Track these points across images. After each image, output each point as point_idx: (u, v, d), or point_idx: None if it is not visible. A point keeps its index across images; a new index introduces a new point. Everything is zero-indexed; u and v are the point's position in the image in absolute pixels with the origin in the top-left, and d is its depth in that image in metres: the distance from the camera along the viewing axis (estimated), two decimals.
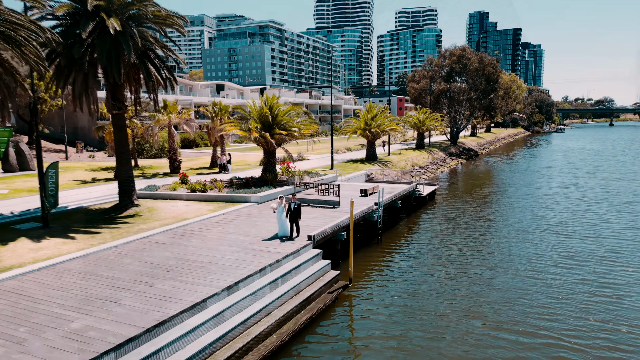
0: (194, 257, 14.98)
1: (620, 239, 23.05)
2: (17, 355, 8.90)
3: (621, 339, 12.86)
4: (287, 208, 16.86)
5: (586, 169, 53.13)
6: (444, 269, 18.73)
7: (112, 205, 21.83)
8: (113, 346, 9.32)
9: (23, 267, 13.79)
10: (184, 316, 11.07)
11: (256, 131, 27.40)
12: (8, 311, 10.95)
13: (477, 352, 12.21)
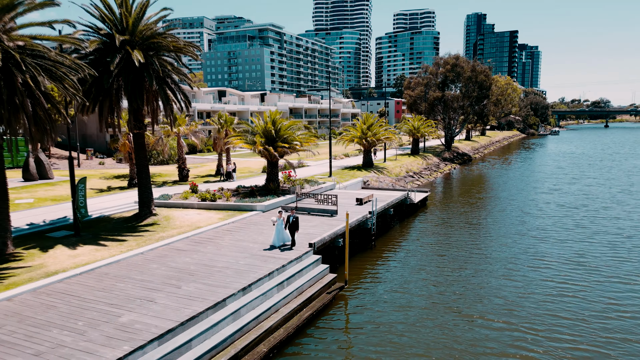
0: (211, 262, 17.43)
1: (591, 243, 25.55)
2: (83, 343, 11.35)
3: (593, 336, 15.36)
4: (286, 221, 19.17)
5: (572, 174, 55.70)
6: (430, 271, 21.21)
7: (133, 215, 24.28)
8: (156, 335, 11.78)
9: (67, 272, 16.22)
10: (209, 312, 13.53)
11: (261, 145, 29.85)
12: (65, 309, 13.40)
13: (454, 342, 14.68)
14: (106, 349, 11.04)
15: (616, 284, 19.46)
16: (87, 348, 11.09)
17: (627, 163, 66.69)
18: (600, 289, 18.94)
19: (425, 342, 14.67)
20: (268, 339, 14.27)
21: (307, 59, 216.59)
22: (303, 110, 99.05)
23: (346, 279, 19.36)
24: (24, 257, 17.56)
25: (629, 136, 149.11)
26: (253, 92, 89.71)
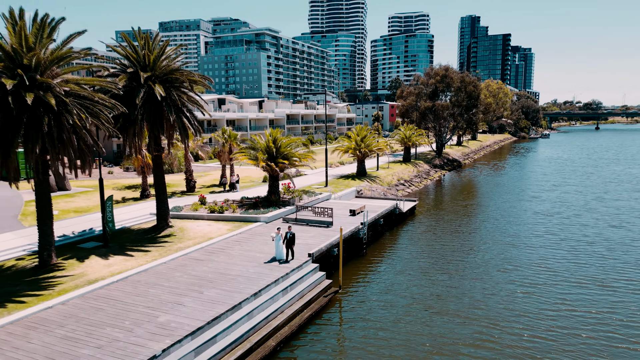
0: (225, 271, 20.55)
1: (555, 249, 28.83)
2: (133, 338, 14.45)
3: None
4: (283, 236, 22.05)
5: (554, 181, 59.17)
6: (414, 274, 24.41)
7: (151, 226, 27.36)
8: (189, 332, 14.90)
9: (105, 280, 19.28)
10: (228, 314, 16.65)
11: (263, 161, 32.97)
12: (111, 311, 16.49)
13: (430, 334, 17.87)
14: (152, 343, 14.15)
15: (571, 287, 22.72)
16: (137, 342, 14.20)
17: (607, 169, 70.27)
18: (555, 291, 22.20)
19: (406, 335, 17.87)
20: (276, 335, 17.42)
21: (303, 62, 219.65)
22: (300, 116, 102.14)
23: (340, 284, 22.54)
24: (66, 267, 20.60)
25: (616, 139, 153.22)
26: (251, 100, 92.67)
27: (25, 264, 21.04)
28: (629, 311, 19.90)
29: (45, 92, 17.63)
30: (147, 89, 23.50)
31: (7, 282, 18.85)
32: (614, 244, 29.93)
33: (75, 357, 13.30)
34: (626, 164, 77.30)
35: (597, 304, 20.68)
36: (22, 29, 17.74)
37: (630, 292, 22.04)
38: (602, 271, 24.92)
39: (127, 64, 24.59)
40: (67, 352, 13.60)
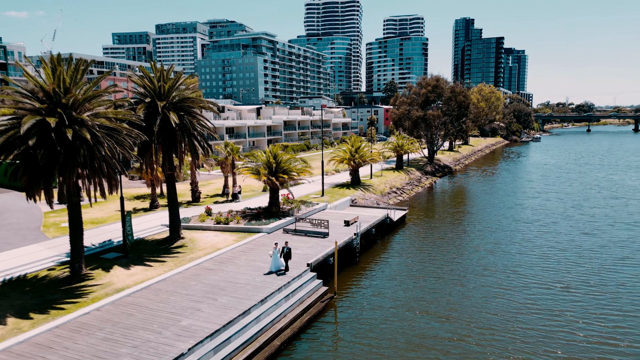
0: (234, 279, 23.43)
1: (529, 255, 31.89)
2: (163, 339, 17.32)
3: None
4: (281, 251, 24.81)
5: (538, 187, 62.40)
6: (401, 280, 27.39)
7: (165, 238, 30.20)
8: (209, 334, 17.79)
9: (131, 288, 22.12)
10: (239, 318, 19.56)
11: (264, 176, 35.88)
12: (140, 316, 19.35)
13: (413, 333, 20.83)
14: (179, 343, 17.04)
15: (538, 290, 25.76)
16: (166, 342, 17.09)
17: (590, 176, 73.63)
18: (524, 293, 25.23)
19: (392, 333, 20.83)
20: (280, 336, 20.34)
21: (299, 65, 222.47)
22: (297, 122, 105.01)
23: (335, 290, 25.49)
24: (94, 277, 23.43)
25: (605, 143, 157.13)
26: (249, 107, 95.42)
27: (57, 274, 23.84)
28: (587, 312, 22.95)
29: (80, 127, 20.47)
30: (163, 116, 26.35)
31: (45, 291, 21.65)
32: (582, 251, 33.05)
33: (116, 356, 16.16)
34: (609, 170, 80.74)
35: (560, 305, 23.72)
36: (61, 73, 20.56)
37: (590, 295, 25.10)
38: (568, 276, 28.00)
39: (145, 93, 27.41)
40: (110, 351, 16.47)
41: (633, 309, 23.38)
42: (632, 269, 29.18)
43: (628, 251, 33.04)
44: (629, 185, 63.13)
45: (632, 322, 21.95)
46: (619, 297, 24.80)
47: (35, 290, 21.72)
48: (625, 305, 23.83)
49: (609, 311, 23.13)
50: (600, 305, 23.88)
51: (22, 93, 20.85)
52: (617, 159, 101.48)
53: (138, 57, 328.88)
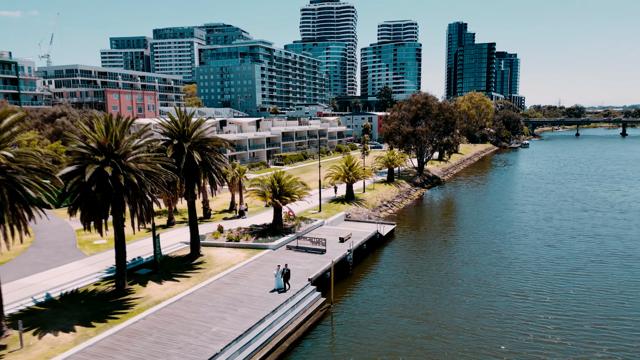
0: (249, 292, 28.64)
1: (497, 265, 37.27)
2: (200, 342, 22.52)
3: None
4: (282, 272, 29.86)
5: (517, 199, 67.95)
6: (388, 289, 32.67)
7: (186, 255, 35.35)
8: (235, 338, 23.02)
9: (166, 301, 27.26)
10: (256, 325, 24.78)
11: (269, 198, 41.12)
12: (179, 324, 24.53)
13: (398, 334, 26.09)
14: (213, 345, 22.25)
15: (499, 297, 31.13)
16: (203, 344, 22.29)
17: (566, 187, 79.37)
18: (488, 299, 30.58)
19: (378, 333, 26.12)
20: (288, 339, 25.60)
21: (295, 72, 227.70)
22: (294, 133, 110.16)
23: (332, 300, 30.78)
24: (134, 291, 28.56)
25: (590, 149, 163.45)
26: (249, 120, 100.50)
27: (103, 289, 28.96)
28: (535, 315, 28.34)
29: (128, 173, 25.63)
30: (187, 155, 31.55)
31: (97, 304, 26.78)
32: (542, 262, 38.53)
33: (167, 355, 21.35)
34: (585, 181, 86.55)
35: (513, 310, 29.11)
36: (114, 130, 25.73)
37: (540, 301, 30.50)
38: (525, 284, 33.42)
39: (172, 135, 32.57)
40: (161, 351, 21.66)
41: (574, 313, 28.81)
42: (581, 279, 34.67)
43: (582, 262, 38.55)
44: (600, 197, 68.86)
45: (573, 323, 27.36)
46: (565, 303, 30.23)
47: (89, 303, 26.84)
48: (569, 310, 29.26)
49: (555, 315, 28.55)
50: (547, 310, 29.30)
51: (83, 146, 25.96)
52: (596, 167, 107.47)
53: (136, 61, 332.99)
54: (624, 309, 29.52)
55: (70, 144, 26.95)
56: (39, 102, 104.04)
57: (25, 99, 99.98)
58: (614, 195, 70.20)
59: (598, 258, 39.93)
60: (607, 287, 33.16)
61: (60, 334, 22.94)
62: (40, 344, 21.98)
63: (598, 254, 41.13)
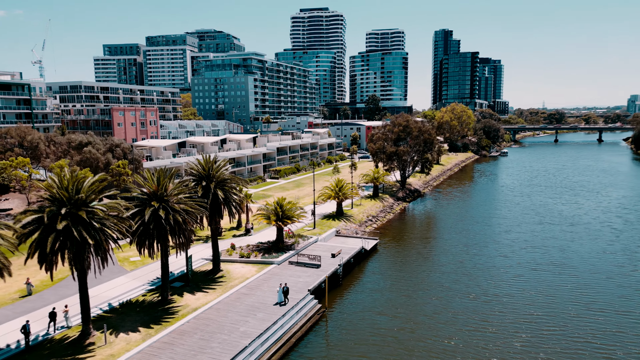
0: (264, 301, 37.46)
1: (456, 273, 46.49)
2: (233, 339, 31.32)
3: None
4: (283, 289, 38.57)
5: (486, 212, 77.51)
6: (370, 293, 41.66)
7: (209, 270, 44.02)
8: (257, 335, 31.90)
9: (201, 308, 35.95)
10: (272, 326, 33.66)
11: (273, 221, 49.99)
12: (213, 326, 33.29)
13: (382, 334, 35.11)
14: (242, 340, 31.08)
15: (457, 299, 40.28)
16: (235, 341, 31.10)
17: (532, 199, 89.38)
18: (447, 300, 39.74)
19: (364, 329, 35.11)
20: (294, 336, 34.51)
21: (287, 81, 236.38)
22: (288, 147, 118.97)
23: (326, 306, 39.77)
24: (175, 301, 37.22)
25: (564, 157, 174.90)
26: (247, 136, 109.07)
27: (151, 299, 37.56)
28: (481, 312, 37.56)
29: (175, 213, 34.34)
30: (213, 193, 40.32)
31: (150, 311, 35.38)
32: (494, 270, 47.88)
33: (211, 348, 30.11)
34: (549, 193, 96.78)
35: (467, 308, 38.30)
36: (162, 179, 34.42)
37: (486, 302, 39.76)
38: (478, 289, 42.68)
39: (200, 176, 41.31)
40: (206, 345, 30.42)
41: (510, 310, 38.11)
42: (520, 284, 44.04)
43: (524, 270, 48.04)
44: (557, 210, 78.88)
45: (508, 317, 36.65)
46: (504, 303, 39.53)
47: (143, 310, 35.45)
48: (506, 308, 38.57)
49: (494, 312, 37.80)
50: (491, 308, 38.54)
51: (143, 193, 34.61)
52: (562, 178, 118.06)
53: (129, 68, 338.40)
54: (550, 308, 38.94)
55: (133, 192, 35.52)
56: (49, 120, 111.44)
57: (37, 117, 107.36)
58: (570, 209, 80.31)
59: (539, 267, 49.54)
60: (539, 291, 42.61)
61: (130, 334, 31.59)
62: (118, 341, 30.61)
63: (539, 263, 50.78)
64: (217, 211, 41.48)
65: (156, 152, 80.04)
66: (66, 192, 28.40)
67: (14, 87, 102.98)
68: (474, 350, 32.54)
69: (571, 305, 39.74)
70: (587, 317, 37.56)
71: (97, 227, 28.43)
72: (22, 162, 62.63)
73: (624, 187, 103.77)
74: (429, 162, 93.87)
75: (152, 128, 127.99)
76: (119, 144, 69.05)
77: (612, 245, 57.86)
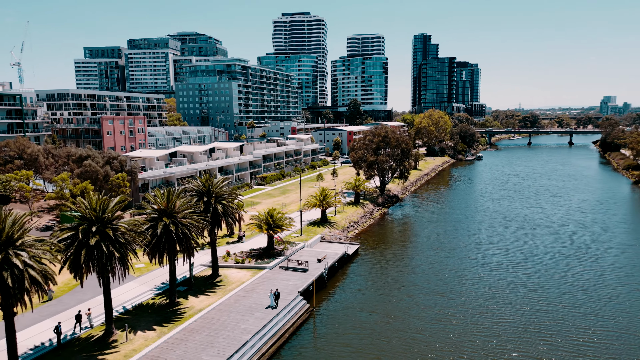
0: (260, 302, 42.95)
1: (431, 274, 52.74)
2: (236, 334, 36.75)
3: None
4: (274, 294, 44.15)
5: (458, 216, 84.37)
6: (354, 293, 47.51)
7: (208, 275, 49.23)
8: (256, 331, 37.42)
9: (205, 309, 41.23)
10: (268, 324, 39.21)
11: (265, 229, 55.47)
12: (217, 324, 38.67)
13: (362, 327, 40.96)
14: (244, 336, 36.55)
15: (422, 296, 46.47)
16: (237, 336, 36.55)
17: (499, 204, 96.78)
18: (418, 298, 45.88)
19: (347, 323, 40.93)
20: (287, 331, 40.13)
21: (269, 87, 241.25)
22: (273, 155, 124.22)
23: (314, 305, 45.50)
24: (182, 303, 42.39)
25: (535, 161, 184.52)
26: (234, 144, 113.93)
27: (160, 302, 42.63)
28: (447, 308, 43.77)
29: (183, 227, 39.57)
30: (213, 207, 45.61)
31: (161, 312, 40.48)
32: (461, 270, 54.29)
33: (218, 342, 35.49)
34: (517, 198, 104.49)
35: (434, 304, 44.46)
36: (170, 197, 39.61)
37: (452, 299, 46.02)
38: (447, 287, 48.97)
39: (201, 192, 46.54)
40: (213, 340, 35.79)
41: (472, 307, 44.44)
42: (483, 283, 50.56)
43: (487, 270, 54.64)
44: (522, 215, 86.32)
45: (470, 312, 42.94)
46: (468, 300, 45.87)
47: (155, 312, 40.54)
48: (469, 304, 44.91)
49: (457, 308, 44.08)
50: (454, 304, 44.82)
51: (155, 210, 39.72)
52: (531, 182, 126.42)
53: (110, 71, 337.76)
54: (505, 303, 45.43)
55: (146, 209, 40.56)
56: (40, 129, 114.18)
57: (28, 126, 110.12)
58: (533, 213, 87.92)
59: (500, 267, 56.27)
60: (497, 288, 49.13)
61: (146, 332, 36.73)
62: (137, 339, 35.73)
63: (500, 263, 57.57)
64: (217, 223, 46.79)
65: (149, 163, 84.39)
66: (95, 211, 33.41)
67: (6, 98, 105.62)
68: (439, 339, 38.72)
69: (523, 300, 46.39)
70: (535, 310, 44.21)
71: (122, 242, 33.54)
72: (26, 175, 66.52)
73: (585, 191, 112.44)
74: (406, 170, 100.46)
75: (140, 135, 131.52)
76: (116, 156, 73.39)
77: (565, 246, 65.20)
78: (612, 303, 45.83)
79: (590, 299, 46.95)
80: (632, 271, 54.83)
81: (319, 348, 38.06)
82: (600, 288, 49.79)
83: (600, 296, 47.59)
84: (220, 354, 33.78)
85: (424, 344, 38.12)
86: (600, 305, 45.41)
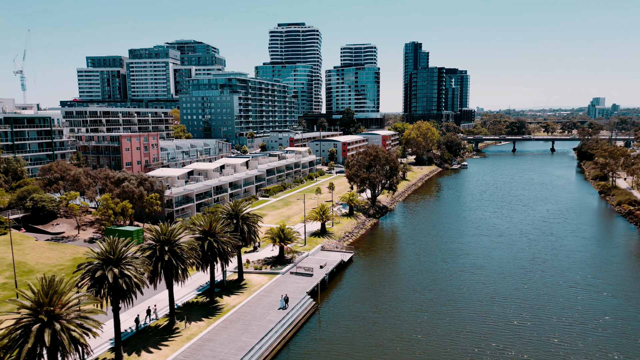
0: (278, 301, 56.44)
1: (413, 279, 66.45)
2: (263, 324, 50.25)
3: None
4: (284, 298, 57.51)
5: (437, 224, 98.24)
6: (352, 293, 61.06)
7: (235, 279, 62.68)
8: (278, 321, 50.93)
9: (237, 306, 54.60)
10: (285, 315, 52.75)
11: (277, 242, 69.04)
12: (248, 317, 52.11)
13: (359, 321, 54.56)
14: (269, 324, 50.01)
15: (415, 293, 60.18)
16: (265, 325, 49.98)
17: (475, 213, 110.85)
18: (402, 299, 59.56)
19: (345, 317, 54.53)
20: (295, 326, 53.71)
21: (268, 98, 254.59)
22: (275, 168, 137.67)
23: (319, 303, 59.12)
24: (219, 301, 55.80)
25: (515, 170, 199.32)
26: (241, 160, 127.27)
27: (202, 300, 55.96)
28: (424, 309, 57.47)
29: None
30: (241, 227, 59.15)
31: (204, 308, 53.81)
32: (436, 274, 68.03)
33: (251, 329, 48.99)
34: (491, 207, 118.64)
35: (412, 305, 58.11)
36: (216, 223, 53.12)
37: (430, 299, 59.75)
38: (423, 289, 62.65)
39: (230, 214, 60.06)
40: (247, 328, 49.26)
41: (446, 308, 58.16)
42: (453, 282, 64.33)
43: (455, 272, 68.47)
44: (492, 224, 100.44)
45: (432, 308, 56.63)
46: (441, 300, 59.59)
47: (199, 308, 53.88)
48: (444, 305, 58.63)
49: (434, 310, 57.77)
50: (428, 305, 58.51)
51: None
52: (506, 192, 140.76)
53: (112, 79, 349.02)
54: (466, 298, 59.21)
55: (191, 229, 53.96)
56: (65, 147, 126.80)
57: (55, 145, 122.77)
58: (502, 222, 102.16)
59: (465, 269, 70.22)
60: (460, 287, 62.93)
61: (198, 322, 50.13)
62: (192, 327, 49.11)
63: (467, 266, 71.55)
64: (244, 239, 60.33)
65: (171, 181, 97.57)
66: (165, 235, 46.80)
67: (37, 120, 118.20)
68: (414, 323, 52.46)
69: (481, 297, 60.27)
70: (490, 305, 58.06)
71: (184, 257, 46.98)
72: (74, 195, 79.58)
73: (552, 201, 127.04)
74: (394, 183, 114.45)
75: (154, 150, 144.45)
76: (147, 178, 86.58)
77: (522, 252, 79.37)
78: (547, 297, 59.87)
79: (531, 293, 60.98)
80: (569, 273, 69.00)
81: (322, 332, 51.69)
82: (541, 285, 63.87)
83: (539, 292, 61.62)
84: (255, 336, 47.32)
85: (403, 327, 51.91)
86: (537, 297, 59.42)
